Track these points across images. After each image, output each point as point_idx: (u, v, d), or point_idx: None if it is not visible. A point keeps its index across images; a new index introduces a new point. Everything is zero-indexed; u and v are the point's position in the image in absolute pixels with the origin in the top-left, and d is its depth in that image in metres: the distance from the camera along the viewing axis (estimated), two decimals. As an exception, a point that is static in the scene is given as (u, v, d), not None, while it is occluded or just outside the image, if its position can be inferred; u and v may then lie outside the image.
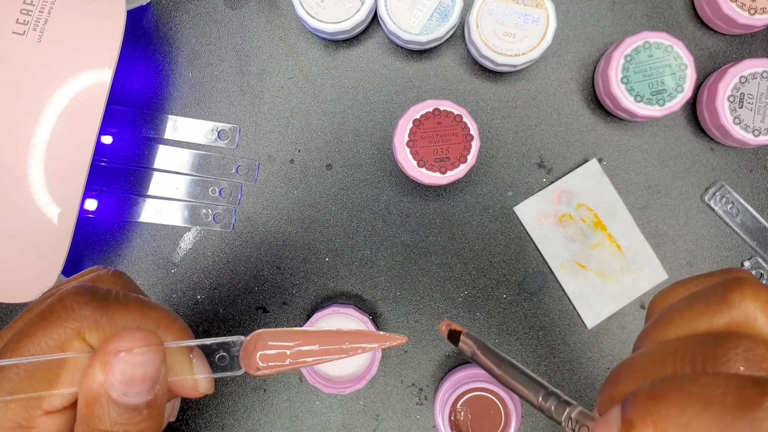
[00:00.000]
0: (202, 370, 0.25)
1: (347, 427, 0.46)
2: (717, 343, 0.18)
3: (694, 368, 0.18)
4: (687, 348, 0.18)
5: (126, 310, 0.24)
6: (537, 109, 0.46)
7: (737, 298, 0.19)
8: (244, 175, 0.46)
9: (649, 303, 0.23)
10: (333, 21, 0.43)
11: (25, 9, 0.39)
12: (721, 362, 0.17)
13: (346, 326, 0.43)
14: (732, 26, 0.44)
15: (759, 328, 0.19)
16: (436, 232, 0.46)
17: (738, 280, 0.20)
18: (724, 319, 0.19)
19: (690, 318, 0.20)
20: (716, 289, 0.20)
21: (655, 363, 0.19)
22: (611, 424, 0.18)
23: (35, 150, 0.39)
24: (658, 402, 0.17)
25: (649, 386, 0.18)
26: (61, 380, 0.23)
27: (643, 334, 0.21)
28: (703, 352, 0.18)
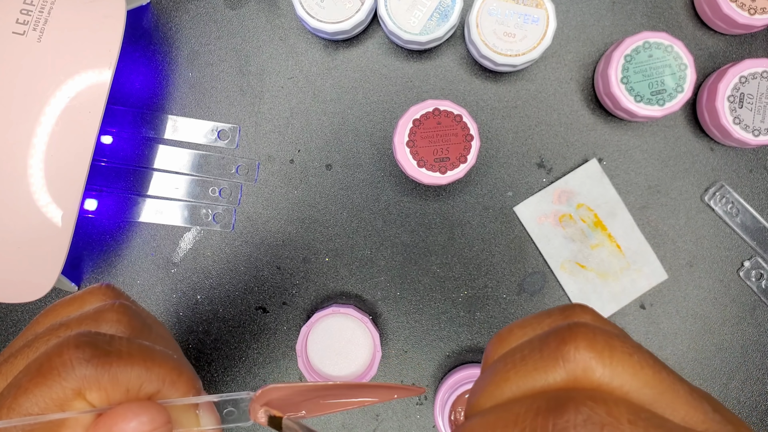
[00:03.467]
0: (210, 422, 0.24)
1: (347, 427, 0.46)
2: (556, 413, 0.17)
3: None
4: (526, 418, 0.17)
5: (129, 364, 0.22)
6: (537, 109, 0.46)
7: (571, 350, 0.18)
8: (244, 175, 0.46)
9: (487, 344, 0.22)
10: (333, 21, 0.43)
11: (25, 9, 0.39)
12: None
13: (345, 326, 0.43)
14: (732, 26, 0.44)
15: (597, 380, 0.18)
16: (436, 232, 0.46)
17: (571, 329, 0.18)
18: (561, 374, 0.18)
19: (526, 374, 0.18)
20: (550, 340, 0.19)
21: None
22: None
23: (35, 150, 0.39)
24: None
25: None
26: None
27: (478, 389, 0.20)
28: (542, 425, 0.17)
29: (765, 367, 0.46)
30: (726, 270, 0.46)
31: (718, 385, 0.46)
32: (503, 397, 0.19)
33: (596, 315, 0.20)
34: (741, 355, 0.46)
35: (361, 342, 0.43)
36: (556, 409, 0.17)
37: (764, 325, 0.46)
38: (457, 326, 0.46)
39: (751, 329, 0.46)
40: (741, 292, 0.46)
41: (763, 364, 0.46)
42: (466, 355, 0.46)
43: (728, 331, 0.46)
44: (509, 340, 0.21)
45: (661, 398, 0.17)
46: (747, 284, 0.46)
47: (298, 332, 0.46)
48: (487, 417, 0.18)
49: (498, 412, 0.18)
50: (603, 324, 0.20)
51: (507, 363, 0.19)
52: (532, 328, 0.21)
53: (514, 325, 0.21)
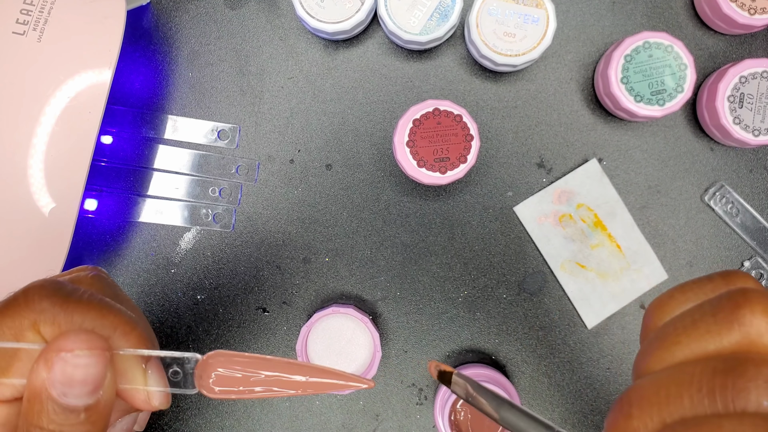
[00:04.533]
0: (157, 383, 0.25)
1: (347, 427, 0.46)
2: (735, 373, 0.17)
3: (713, 402, 0.17)
4: (703, 378, 0.17)
5: (86, 309, 0.24)
6: (537, 109, 0.46)
7: (747, 314, 0.18)
8: (244, 175, 0.46)
9: (646, 310, 0.22)
10: (333, 21, 0.43)
11: (25, 9, 0.39)
12: (743, 396, 0.16)
13: (345, 326, 0.43)
14: (732, 26, 0.44)
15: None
16: (436, 232, 0.46)
17: (745, 294, 0.19)
18: (735, 337, 0.18)
19: (698, 337, 0.19)
20: (723, 304, 0.19)
21: (670, 396, 0.18)
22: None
23: (35, 150, 0.39)
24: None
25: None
26: (13, 370, 0.23)
27: (647, 353, 0.20)
28: (721, 384, 0.17)
29: (765, 367, 0.46)
30: (726, 270, 0.46)
31: (718, 385, 0.46)
32: (674, 360, 0.19)
33: (757, 282, 0.21)
34: (741, 355, 0.46)
35: (361, 342, 0.43)
36: (735, 369, 0.17)
37: None
38: (457, 326, 0.46)
39: (751, 329, 0.46)
40: (741, 292, 0.46)
41: (763, 364, 0.46)
42: (466, 355, 0.46)
43: (728, 331, 0.46)
44: (671, 306, 0.21)
45: None
46: (747, 284, 0.46)
47: (298, 332, 0.46)
48: (659, 377, 0.18)
49: (671, 372, 0.18)
50: (765, 290, 0.20)
51: (677, 327, 0.19)
52: (694, 293, 0.21)
53: (674, 290, 0.21)
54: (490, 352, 0.46)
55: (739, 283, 0.20)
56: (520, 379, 0.46)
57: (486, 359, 0.46)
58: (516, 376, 0.46)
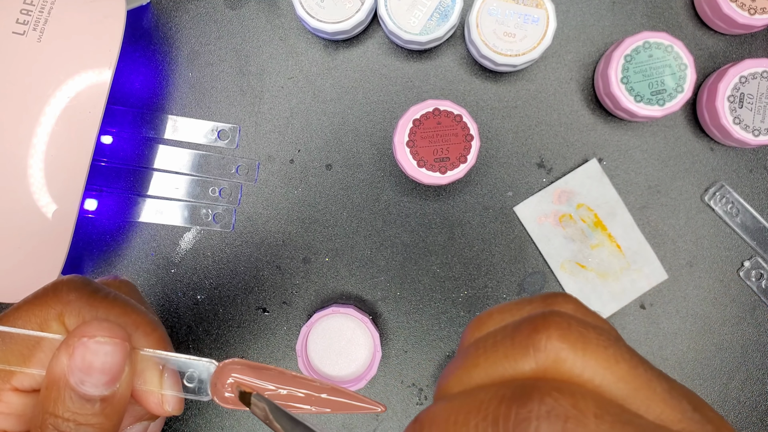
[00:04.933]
0: (172, 388, 0.25)
1: (347, 427, 0.46)
2: (519, 402, 0.16)
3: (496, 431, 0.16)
4: (490, 405, 0.17)
5: (110, 306, 0.24)
6: (537, 109, 0.46)
7: (543, 339, 0.17)
8: (244, 175, 0.46)
9: (465, 327, 0.21)
10: (333, 21, 0.43)
11: (25, 9, 0.39)
12: (522, 427, 0.16)
13: (345, 326, 0.43)
14: (732, 26, 0.44)
15: (567, 371, 0.17)
16: (436, 232, 0.46)
17: (545, 318, 0.18)
18: (530, 364, 0.17)
19: (495, 361, 0.18)
20: (522, 327, 0.18)
21: (458, 423, 0.17)
22: None
23: (35, 150, 0.39)
24: None
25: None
26: (35, 359, 0.23)
27: (448, 373, 0.19)
28: (505, 413, 0.16)
29: (765, 367, 0.46)
30: (726, 270, 0.46)
31: (718, 385, 0.46)
32: (471, 383, 0.18)
33: (579, 305, 0.20)
34: (741, 355, 0.46)
35: (361, 342, 0.43)
36: (521, 398, 0.16)
37: (764, 325, 0.46)
38: (457, 326, 0.46)
39: (751, 329, 0.46)
40: (741, 292, 0.46)
41: (763, 364, 0.46)
42: (466, 355, 0.46)
43: (728, 331, 0.46)
44: (487, 324, 0.20)
45: (636, 394, 0.17)
46: (747, 284, 0.46)
47: (298, 332, 0.46)
48: (452, 402, 0.18)
49: (463, 398, 0.18)
50: (585, 315, 0.19)
51: (479, 348, 0.19)
52: (511, 314, 0.20)
53: (494, 309, 0.21)
54: (490, 352, 0.46)
55: (556, 306, 0.19)
56: (520, 379, 0.46)
57: (486, 359, 0.46)
58: (516, 376, 0.46)
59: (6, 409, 0.23)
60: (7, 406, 0.23)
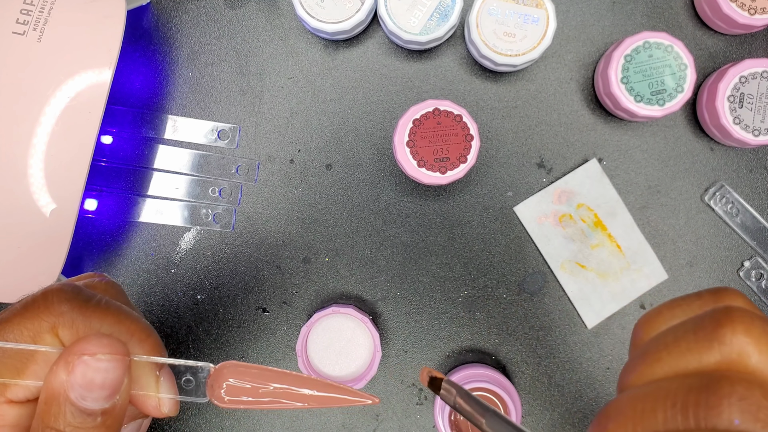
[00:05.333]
0: (168, 390, 0.25)
1: (347, 427, 0.46)
2: (709, 390, 0.17)
3: (686, 419, 0.17)
4: (678, 394, 0.17)
5: (104, 315, 0.24)
6: (537, 109, 0.46)
7: (728, 333, 0.18)
8: (244, 175, 0.46)
9: (635, 325, 0.22)
10: (333, 21, 0.43)
11: (25, 9, 0.39)
12: (715, 413, 0.16)
13: (345, 326, 0.43)
14: (732, 26, 0.44)
15: (752, 366, 0.17)
16: (436, 232, 0.46)
17: (728, 313, 0.18)
18: (715, 357, 0.18)
19: (678, 355, 0.19)
20: (705, 323, 0.18)
21: (645, 410, 0.18)
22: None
23: (35, 150, 0.39)
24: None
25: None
26: (29, 371, 0.23)
27: (629, 369, 0.20)
28: (695, 401, 0.17)
29: (765, 367, 0.46)
30: (726, 270, 0.46)
31: (718, 385, 0.46)
32: (655, 376, 0.19)
33: (747, 300, 0.20)
34: (741, 355, 0.46)
35: (361, 342, 0.43)
36: (710, 386, 0.17)
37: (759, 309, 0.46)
38: (457, 326, 0.46)
39: (751, 329, 0.46)
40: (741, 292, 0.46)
41: (763, 364, 0.46)
42: (466, 355, 0.46)
43: (728, 331, 0.46)
44: (658, 321, 0.21)
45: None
46: (747, 284, 0.46)
47: (298, 332, 0.46)
48: (637, 392, 0.18)
49: (649, 389, 0.18)
50: (755, 309, 0.20)
51: (659, 344, 0.19)
52: (682, 310, 0.21)
53: (663, 306, 0.21)
54: (490, 352, 0.46)
55: (727, 301, 0.20)
56: (520, 379, 0.46)
57: (486, 359, 0.46)
58: (516, 376, 0.46)
59: (1, 421, 0.23)
60: (2, 418, 0.23)
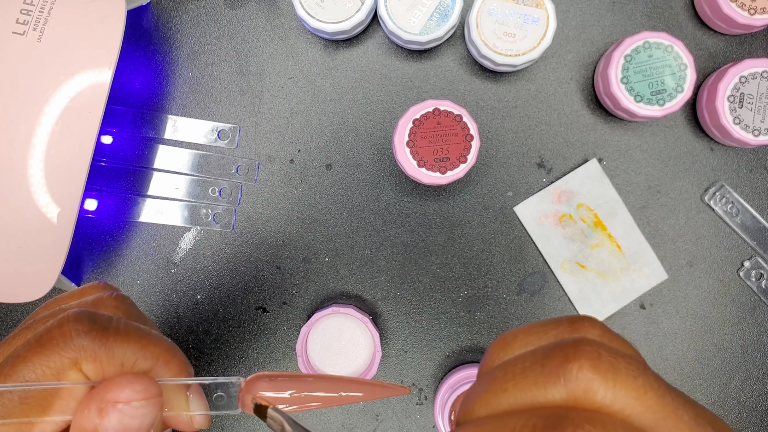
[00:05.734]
0: (199, 407, 0.25)
1: (347, 427, 0.46)
2: None
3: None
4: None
5: (125, 341, 0.23)
6: (537, 109, 0.46)
7: (574, 369, 0.17)
8: (244, 175, 0.46)
9: (489, 346, 0.21)
10: (333, 21, 0.43)
11: (25, 9, 0.39)
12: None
13: (345, 326, 0.43)
14: (732, 26, 0.44)
15: (598, 402, 0.17)
16: (436, 232, 0.46)
17: (576, 347, 0.18)
18: (561, 393, 0.17)
19: (525, 387, 0.18)
20: (553, 355, 0.18)
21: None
22: None
23: (35, 150, 0.39)
24: None
25: None
26: (55, 408, 0.22)
27: (474, 395, 0.19)
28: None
29: (765, 367, 0.46)
30: (726, 270, 0.46)
31: (718, 385, 0.46)
32: (499, 407, 0.18)
33: (605, 330, 0.20)
34: (741, 355, 0.46)
35: (361, 342, 0.43)
36: (554, 428, 0.16)
37: (764, 325, 0.46)
38: (457, 326, 0.46)
39: (751, 329, 0.46)
40: (741, 292, 0.46)
41: (763, 364, 0.46)
42: (466, 355, 0.46)
43: (728, 331, 0.46)
44: (513, 346, 0.20)
45: (664, 423, 0.17)
46: (747, 284, 0.46)
47: (298, 332, 0.46)
48: (481, 427, 0.18)
49: (493, 424, 0.18)
50: (611, 340, 0.19)
51: (507, 372, 0.19)
52: (537, 337, 0.20)
53: (519, 330, 0.21)
54: (490, 352, 0.46)
55: (582, 331, 0.19)
56: (520, 379, 0.46)
57: (486, 359, 0.46)
58: (516, 376, 0.46)
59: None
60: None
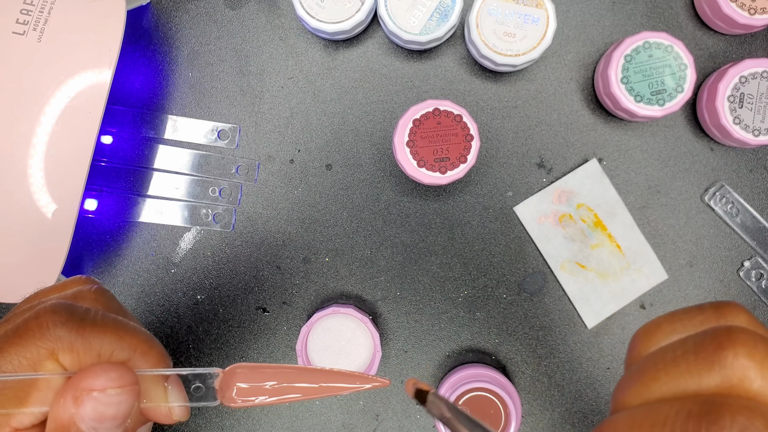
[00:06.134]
0: (178, 398, 0.25)
1: (347, 427, 0.46)
2: (710, 419, 0.16)
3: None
4: (677, 420, 0.16)
5: (102, 332, 0.23)
6: (537, 109, 0.46)
7: (729, 356, 0.17)
8: (244, 175, 0.46)
9: (633, 336, 0.21)
10: (333, 21, 0.43)
11: (25, 9, 0.39)
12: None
13: (345, 326, 0.43)
14: (732, 26, 0.44)
15: (754, 391, 0.17)
16: (436, 232, 0.46)
17: (730, 334, 0.17)
18: (715, 380, 0.17)
19: (677, 376, 0.18)
20: (706, 343, 0.18)
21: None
22: None
23: (35, 150, 0.39)
24: None
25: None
26: (32, 399, 0.22)
27: (625, 386, 0.19)
28: (694, 429, 0.16)
29: (765, 367, 0.46)
30: (726, 270, 0.46)
31: (718, 385, 0.46)
32: (652, 396, 0.18)
33: (751, 317, 0.19)
34: (741, 355, 0.46)
35: (361, 342, 0.43)
36: (710, 414, 0.16)
37: (764, 325, 0.46)
38: (457, 326, 0.46)
39: (751, 329, 0.46)
40: (741, 292, 0.46)
41: (763, 364, 0.46)
42: (466, 355, 0.46)
43: (728, 331, 0.46)
44: (657, 335, 0.20)
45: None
46: (747, 284, 0.46)
47: (298, 332, 0.46)
48: (634, 414, 0.18)
49: (646, 411, 0.17)
50: (757, 327, 0.19)
51: (657, 362, 0.19)
52: (682, 324, 0.20)
53: (662, 319, 0.20)
54: (490, 352, 0.46)
55: (730, 318, 0.19)
56: (520, 379, 0.46)
57: (486, 359, 0.46)
58: (516, 376, 0.46)
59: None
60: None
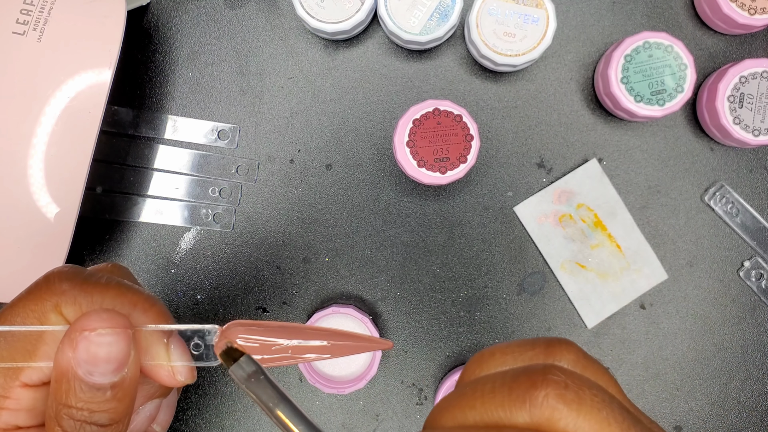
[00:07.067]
0: (180, 357, 0.25)
1: (347, 427, 0.46)
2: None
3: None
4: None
5: (104, 290, 0.24)
6: (537, 109, 0.46)
7: (540, 396, 0.17)
8: (244, 175, 0.46)
9: (469, 359, 0.22)
10: (333, 21, 0.43)
11: (25, 9, 0.39)
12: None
13: (345, 326, 0.43)
14: (732, 26, 0.44)
15: (561, 430, 0.17)
16: (436, 232, 0.46)
17: (545, 374, 0.18)
18: (525, 417, 0.18)
19: (492, 407, 0.18)
20: (521, 380, 0.18)
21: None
22: None
23: (35, 150, 0.39)
24: None
25: None
26: (40, 353, 0.23)
27: (444, 407, 0.20)
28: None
29: (765, 367, 0.46)
30: (726, 270, 0.46)
31: (718, 385, 0.46)
32: (466, 422, 0.19)
33: (580, 356, 0.20)
34: (741, 355, 0.46)
35: (361, 342, 0.43)
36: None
37: (764, 325, 0.46)
38: (457, 326, 0.46)
39: (751, 329, 0.46)
40: (741, 292, 0.46)
41: (763, 364, 0.46)
42: (466, 355, 0.46)
43: (728, 331, 0.46)
44: (489, 363, 0.21)
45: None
46: (747, 284, 0.46)
47: (298, 332, 0.46)
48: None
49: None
50: (585, 367, 0.20)
51: (476, 390, 0.19)
52: (513, 357, 0.20)
53: (497, 348, 0.21)
54: (490, 352, 0.46)
55: (557, 356, 0.20)
56: (520, 379, 0.46)
57: (486, 359, 0.46)
58: (516, 376, 0.46)
59: (17, 405, 0.24)
60: (18, 402, 0.24)
